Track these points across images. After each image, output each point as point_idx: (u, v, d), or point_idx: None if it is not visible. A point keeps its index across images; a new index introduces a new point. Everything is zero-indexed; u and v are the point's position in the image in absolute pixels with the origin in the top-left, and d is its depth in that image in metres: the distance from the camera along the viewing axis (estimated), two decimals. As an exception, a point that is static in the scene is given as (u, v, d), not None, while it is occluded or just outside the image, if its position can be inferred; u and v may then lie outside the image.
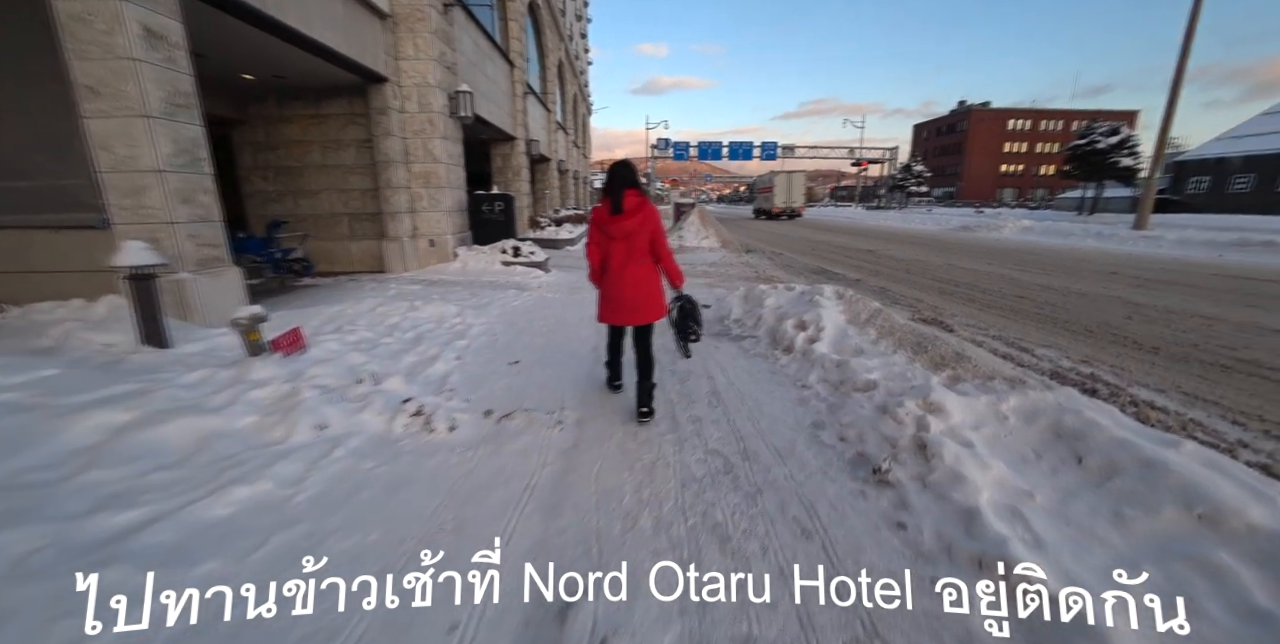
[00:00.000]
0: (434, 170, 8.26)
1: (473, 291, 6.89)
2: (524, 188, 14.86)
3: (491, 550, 1.82)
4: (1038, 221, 18.41)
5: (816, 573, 1.76)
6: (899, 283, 8.37)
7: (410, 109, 7.99)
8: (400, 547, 1.92)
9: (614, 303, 3.02)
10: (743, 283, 8.17)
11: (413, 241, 8.42)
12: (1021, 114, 72.50)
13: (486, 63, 11.40)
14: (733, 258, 11.66)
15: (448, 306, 5.46)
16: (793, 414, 3.17)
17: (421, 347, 4.17)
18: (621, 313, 3.04)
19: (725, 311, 6.02)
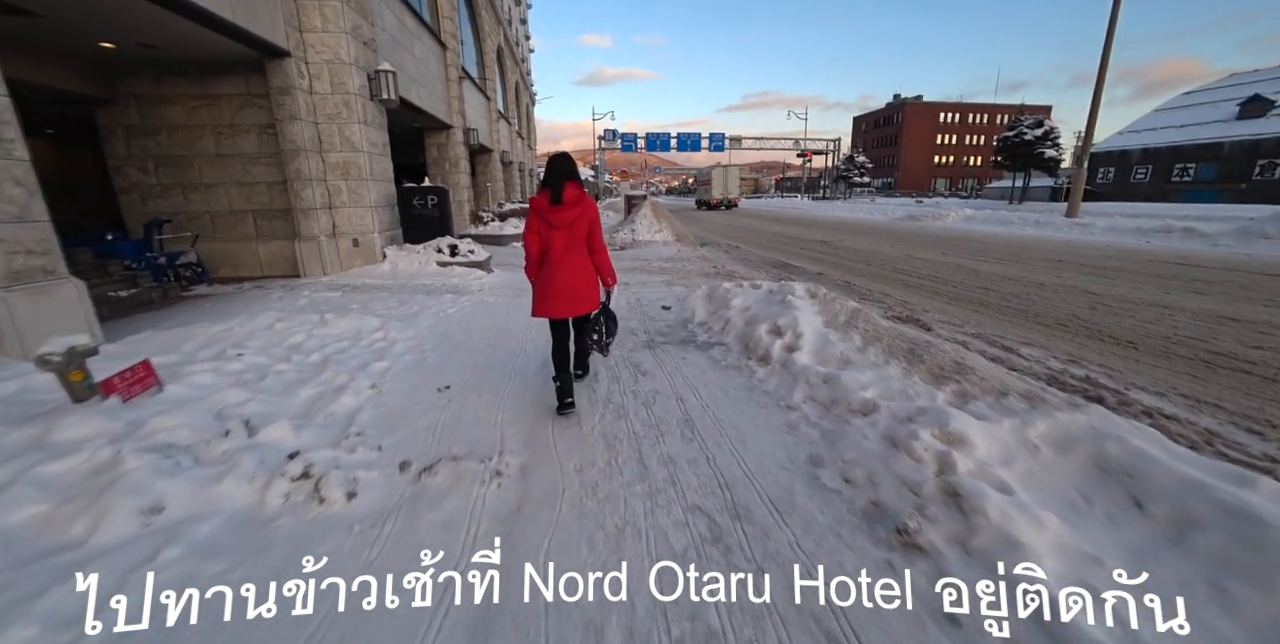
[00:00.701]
0: (353, 160, 7.26)
1: (401, 298, 6.03)
2: (463, 180, 13.81)
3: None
4: (977, 210, 19.02)
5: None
6: (861, 276, 8.11)
7: (321, 89, 6.95)
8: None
9: (552, 292, 2.99)
10: (703, 280, 7.67)
11: (332, 241, 7.41)
12: (951, 107, 76.11)
13: (414, 42, 10.32)
14: (688, 252, 11.17)
15: (367, 319, 4.63)
16: (783, 447, 2.65)
17: (327, 373, 3.39)
18: (559, 302, 3.00)
19: (688, 314, 5.49)
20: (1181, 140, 38.03)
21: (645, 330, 5.02)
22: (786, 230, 16.91)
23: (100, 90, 6.67)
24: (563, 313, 3.07)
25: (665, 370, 3.87)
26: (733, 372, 3.84)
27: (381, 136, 7.86)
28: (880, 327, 4.04)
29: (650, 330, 5.02)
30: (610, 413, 3.10)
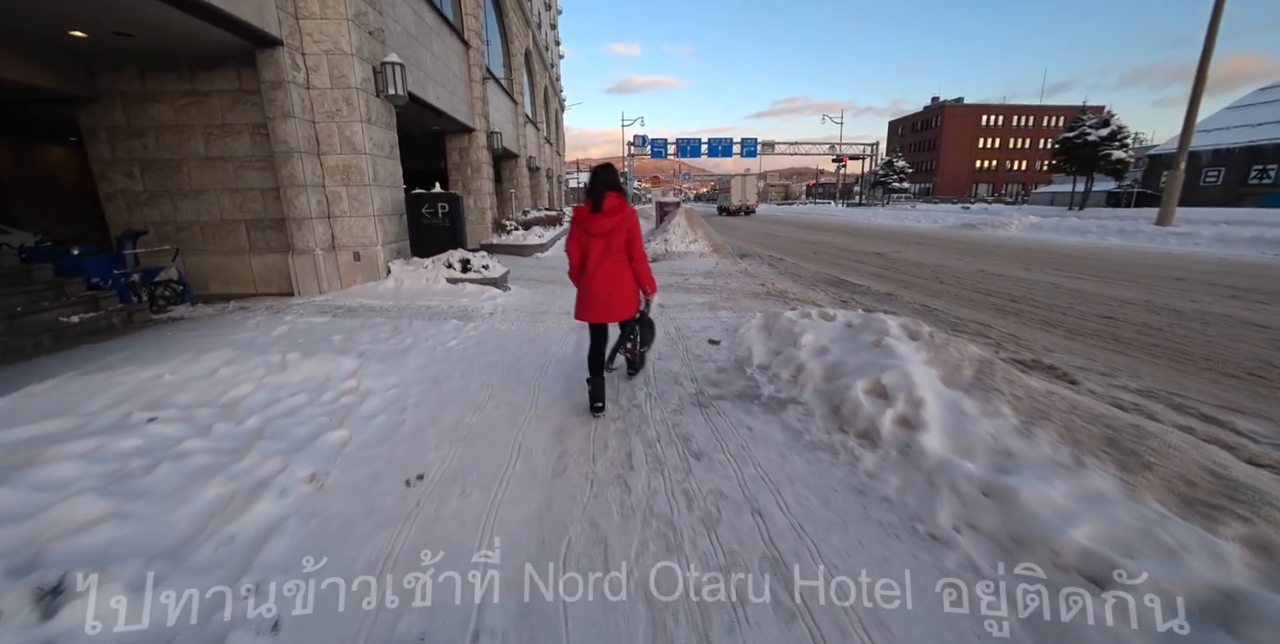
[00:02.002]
0: (354, 163, 6.42)
1: (397, 326, 5.09)
2: (485, 186, 13.02)
3: None
4: (1043, 217, 17.28)
5: None
6: (939, 298, 6.84)
7: (319, 84, 6.13)
8: None
9: (589, 298, 3.07)
10: (752, 301, 6.54)
11: (330, 255, 6.56)
12: (994, 110, 72.93)
13: (433, 39, 9.55)
14: (728, 265, 10.03)
15: (341, 361, 3.67)
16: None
17: (251, 456, 2.40)
18: (596, 308, 3.08)
19: (743, 352, 4.37)
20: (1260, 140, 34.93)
21: (691, 376, 3.92)
22: (831, 240, 15.58)
23: (80, 87, 5.99)
24: (598, 318, 3.13)
25: (727, 449, 2.76)
26: (823, 454, 2.70)
27: (388, 137, 7.01)
28: (1033, 390, 2.85)
29: (698, 376, 3.91)
30: (655, 541, 2.01)
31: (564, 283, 8.73)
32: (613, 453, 2.75)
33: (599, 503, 2.30)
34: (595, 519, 2.18)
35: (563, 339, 4.97)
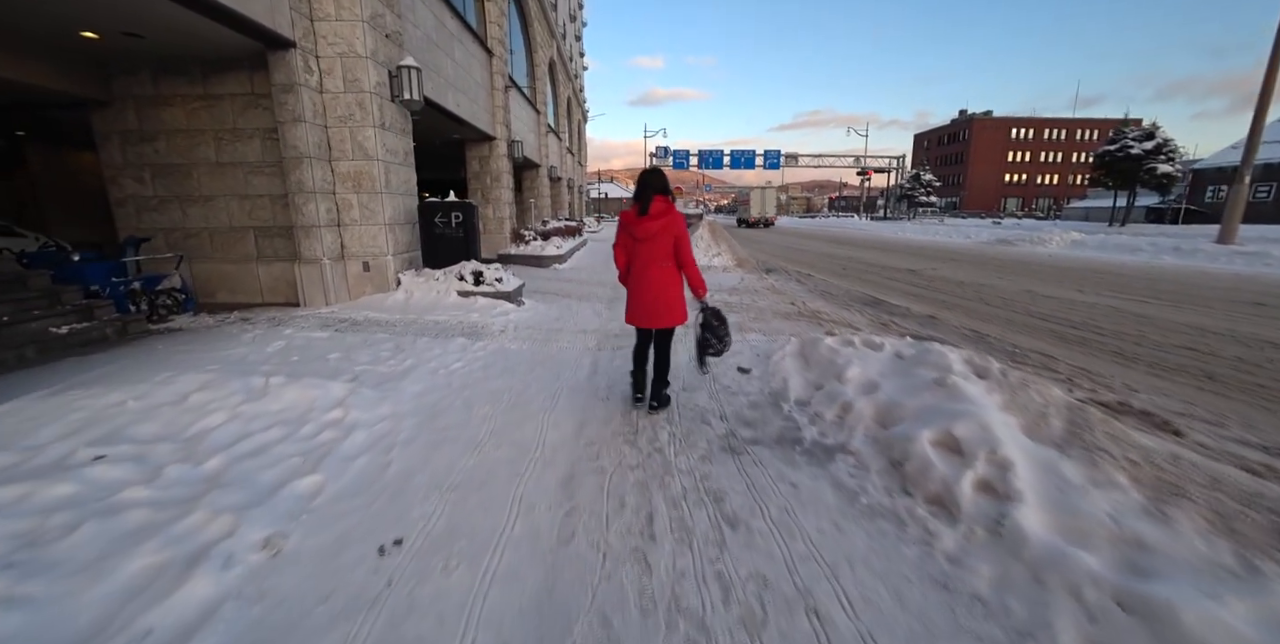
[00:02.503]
0: (366, 170, 6.15)
1: (400, 343, 4.73)
2: (505, 196, 12.79)
3: None
4: (1086, 234, 16.40)
5: None
6: (989, 322, 6.25)
7: (332, 87, 5.89)
8: None
9: (636, 304, 3.09)
10: (783, 322, 6.05)
11: (339, 265, 6.28)
12: (1025, 123, 71.35)
13: (454, 45, 9.37)
14: (754, 281, 9.55)
15: (329, 386, 3.29)
16: None
17: (200, 512, 2.00)
18: (642, 314, 3.09)
19: (777, 384, 3.88)
20: (1313, 155, 33.25)
21: (720, 412, 3.45)
22: (860, 255, 14.97)
23: (94, 91, 5.85)
24: (645, 324, 3.15)
25: (768, 514, 2.28)
26: (887, 524, 2.21)
27: (403, 143, 6.75)
28: (1150, 452, 2.32)
29: (727, 413, 3.44)
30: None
31: (580, 297, 8.36)
32: (630, 514, 2.30)
33: (612, 587, 1.85)
34: (606, 612, 1.73)
35: (577, 362, 4.55)
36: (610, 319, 6.30)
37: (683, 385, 3.94)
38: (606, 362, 4.58)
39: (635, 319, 3.16)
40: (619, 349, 4.99)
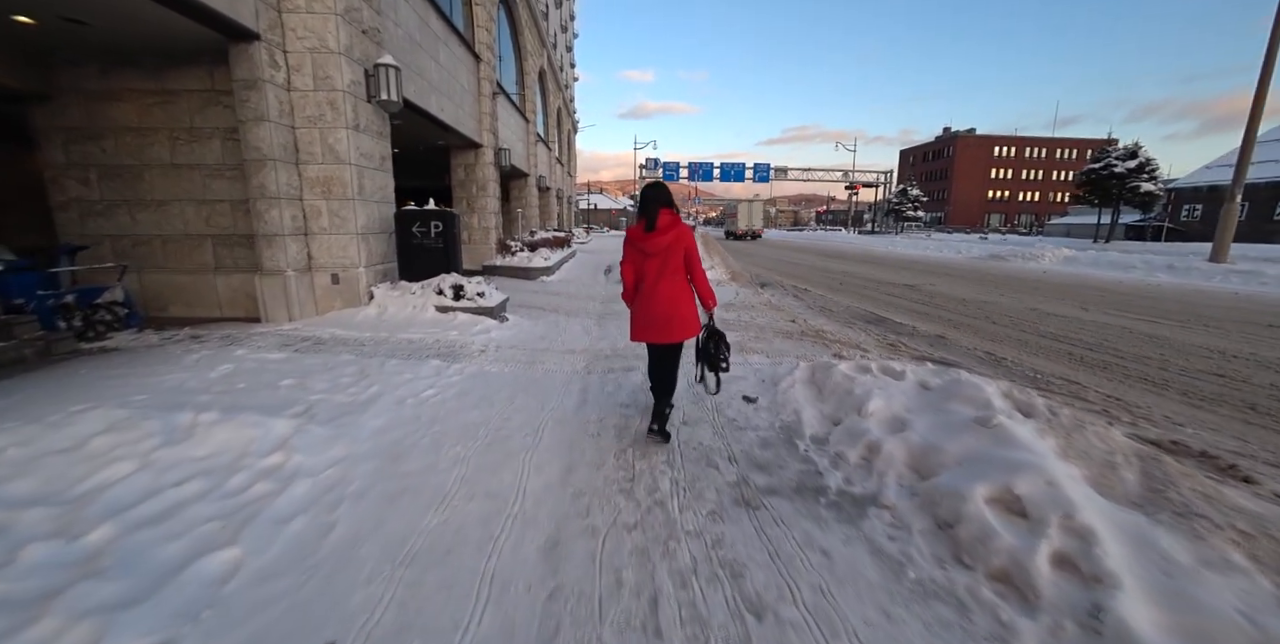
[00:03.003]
0: (337, 175, 5.67)
1: (365, 367, 4.22)
2: (491, 205, 12.35)
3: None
4: (1078, 250, 16.39)
5: None
6: (1000, 342, 5.92)
7: (301, 84, 5.43)
8: None
9: (646, 320, 2.99)
10: (785, 341, 5.65)
11: (305, 277, 5.76)
12: (1006, 141, 73.04)
13: (439, 48, 8.98)
14: (750, 296, 9.18)
15: (271, 424, 2.79)
16: None
17: (51, 619, 1.50)
18: (653, 329, 2.99)
19: (789, 416, 3.46)
20: (1285, 176, 34.22)
21: (728, 452, 3.01)
22: (854, 269, 14.74)
23: (31, 83, 5.33)
24: (659, 339, 3.03)
25: (798, 597, 1.84)
26: (947, 611, 1.77)
27: (379, 147, 6.29)
28: (1255, 515, 1.92)
29: (736, 452, 3.00)
30: None
31: (569, 312, 7.91)
32: (629, 597, 1.84)
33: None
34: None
35: (564, 387, 4.09)
36: (600, 338, 5.85)
37: (683, 419, 3.49)
38: (597, 387, 4.13)
39: (646, 335, 3.03)
40: (610, 372, 4.54)
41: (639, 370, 4.58)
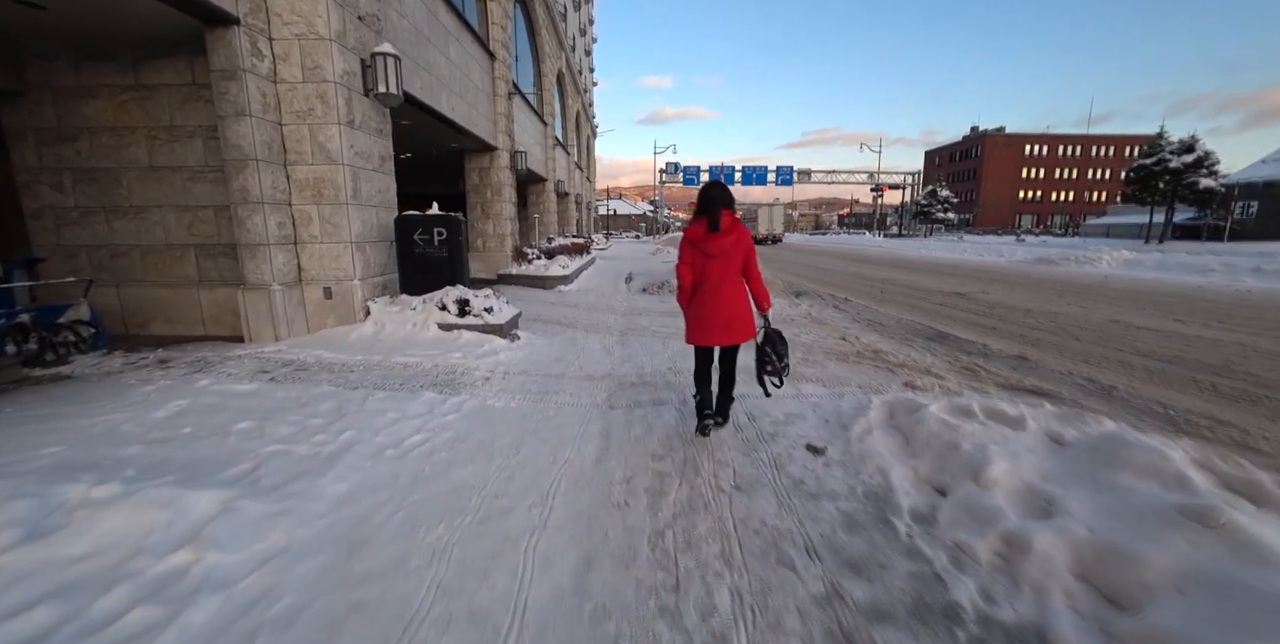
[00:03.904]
0: (328, 177, 5.05)
1: (345, 402, 3.53)
2: (507, 210, 11.75)
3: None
4: (1140, 253, 15.08)
5: None
6: (1095, 365, 4.98)
7: (288, 76, 4.84)
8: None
9: (708, 322, 2.98)
10: (840, 365, 4.81)
11: (294, 291, 5.14)
12: (1038, 139, 70.49)
13: (449, 43, 8.41)
14: (786, 307, 8.35)
15: (189, 500, 2.08)
16: None
17: None
18: (715, 331, 2.99)
19: (873, 480, 2.65)
20: (1354, 171, 31.94)
21: (803, 540, 2.20)
22: (892, 275, 13.73)
23: (3, 80, 4.83)
24: (721, 342, 3.04)
25: None
26: None
27: (378, 146, 5.67)
28: None
29: (813, 539, 2.20)
30: None
31: (588, 327, 7.18)
32: None
33: None
34: None
35: (582, 429, 3.34)
36: (623, 359, 5.09)
37: (735, 481, 2.70)
38: (621, 428, 3.36)
39: (705, 338, 3.03)
40: (636, 407, 3.78)
41: (671, 405, 3.82)
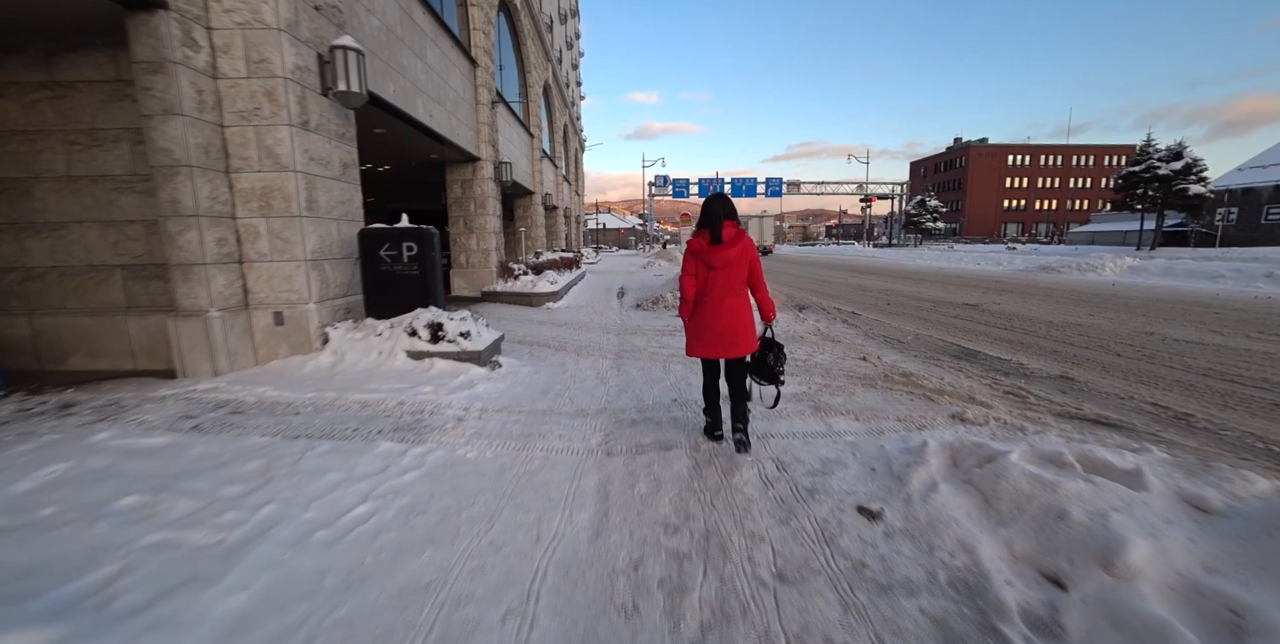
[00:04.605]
0: (278, 186, 4.40)
1: (276, 459, 2.82)
2: (491, 224, 11.13)
3: None
4: (1143, 260, 14.77)
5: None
6: (1153, 385, 4.41)
7: (230, 70, 4.21)
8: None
9: (711, 333, 2.95)
10: (869, 392, 4.18)
11: (238, 317, 4.45)
12: (1020, 149, 71.71)
13: (426, 46, 7.86)
14: (791, 321, 7.76)
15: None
16: None
17: None
18: (719, 343, 2.96)
19: (952, 558, 1.98)
20: (1328, 177, 32.54)
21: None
22: (893, 286, 13.25)
23: (-110, 77, 4.15)
24: (723, 354, 2.99)
25: None
26: None
27: (339, 152, 5.03)
28: None
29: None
30: None
31: (579, 349, 6.49)
32: None
33: None
34: None
35: (574, 488, 2.67)
36: (620, 388, 4.43)
37: (776, 566, 2.04)
38: (622, 487, 2.70)
39: (710, 350, 3.00)
40: (639, 453, 3.12)
41: (680, 449, 3.17)
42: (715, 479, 2.79)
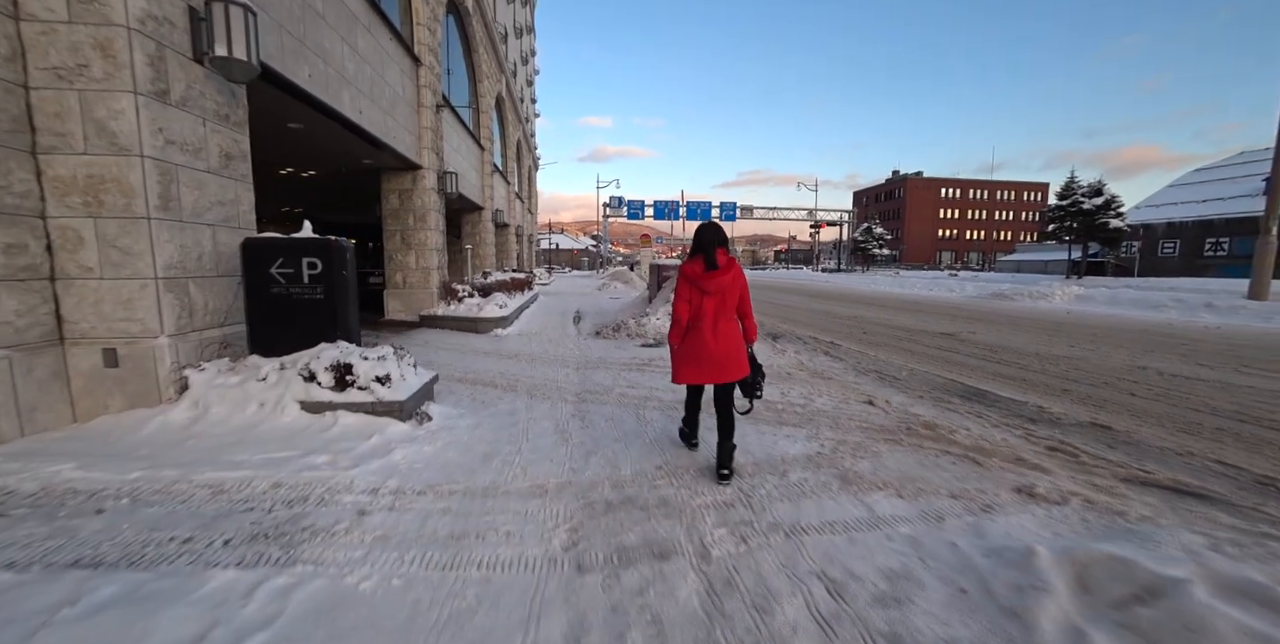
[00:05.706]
0: (115, 174, 3.19)
1: (8, 618, 1.62)
2: (433, 240, 9.91)
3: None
4: (1088, 288, 15.26)
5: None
6: (1199, 436, 3.86)
7: (41, 12, 3.03)
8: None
9: (702, 359, 2.96)
10: (896, 451, 3.35)
11: (38, 358, 3.14)
12: (952, 183, 76.84)
13: (356, 31, 6.78)
14: (769, 352, 7.01)
15: None
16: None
17: None
18: (709, 369, 2.97)
19: None
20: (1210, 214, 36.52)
21: None
22: (860, 313, 12.92)
23: None
24: (713, 379, 3.00)
25: None
26: None
27: (219, 137, 3.85)
28: None
29: None
30: None
31: (531, 390, 5.23)
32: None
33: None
34: None
35: (530, 641, 1.63)
36: (588, 449, 3.39)
37: None
38: (603, 634, 1.69)
39: (702, 376, 2.99)
40: (624, 564, 2.13)
41: (681, 555, 2.21)
42: (745, 620, 1.83)
